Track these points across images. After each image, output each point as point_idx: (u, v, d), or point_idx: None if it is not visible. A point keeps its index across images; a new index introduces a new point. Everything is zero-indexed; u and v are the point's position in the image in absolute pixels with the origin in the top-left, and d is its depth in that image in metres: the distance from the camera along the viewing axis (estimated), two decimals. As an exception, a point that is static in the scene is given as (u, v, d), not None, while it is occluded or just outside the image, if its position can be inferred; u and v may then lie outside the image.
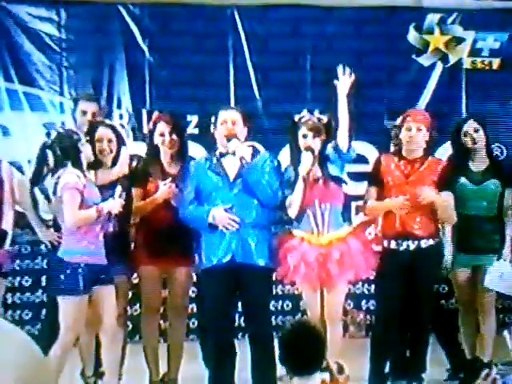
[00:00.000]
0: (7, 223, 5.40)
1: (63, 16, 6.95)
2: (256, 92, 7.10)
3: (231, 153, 5.09)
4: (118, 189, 4.98)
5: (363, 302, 7.14)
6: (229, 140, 5.10)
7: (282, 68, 7.10)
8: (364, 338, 6.51)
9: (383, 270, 5.32)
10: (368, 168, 5.85)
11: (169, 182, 5.28)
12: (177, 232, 5.27)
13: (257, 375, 5.14)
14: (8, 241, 5.42)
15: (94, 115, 5.63)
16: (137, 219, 5.46)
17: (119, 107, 7.01)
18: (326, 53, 6.99)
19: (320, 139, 5.16)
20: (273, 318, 6.03)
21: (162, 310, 5.64)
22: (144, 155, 5.83)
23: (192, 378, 5.60)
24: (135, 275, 5.53)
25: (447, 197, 5.40)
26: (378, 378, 5.47)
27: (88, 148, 4.99)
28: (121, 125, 6.63)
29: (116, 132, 5.33)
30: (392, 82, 7.20)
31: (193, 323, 6.63)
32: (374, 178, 5.52)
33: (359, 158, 6.18)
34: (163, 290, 5.53)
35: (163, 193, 5.29)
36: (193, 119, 6.94)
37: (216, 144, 5.27)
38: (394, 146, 5.85)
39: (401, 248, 5.35)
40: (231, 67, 7.07)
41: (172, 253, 5.30)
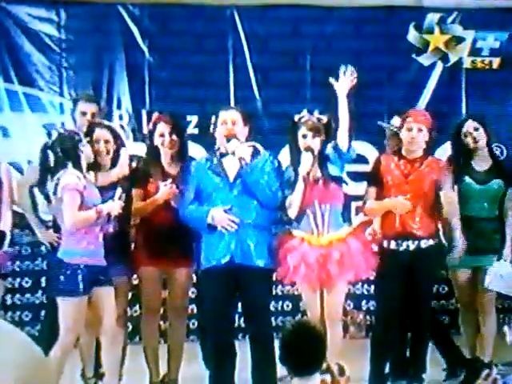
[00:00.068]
0: (5, 224, 5.39)
1: (63, 16, 6.95)
2: (256, 92, 7.09)
3: (231, 153, 5.09)
4: (118, 191, 4.97)
5: (363, 303, 7.14)
6: (228, 140, 5.09)
7: (282, 68, 7.10)
8: (364, 339, 6.50)
9: (383, 271, 5.31)
10: (368, 168, 5.84)
11: (169, 183, 5.28)
12: (177, 233, 5.27)
13: (257, 376, 5.14)
14: (6, 242, 5.41)
15: (94, 116, 5.61)
16: (137, 220, 5.45)
17: (119, 108, 7.01)
18: (326, 53, 6.99)
19: (320, 139, 5.15)
20: (273, 319, 6.03)
21: (162, 311, 5.64)
22: (144, 156, 5.84)
23: (192, 379, 5.60)
24: (135, 276, 5.53)
25: (452, 193, 5.37)
26: (379, 379, 5.47)
27: (88, 149, 4.98)
28: (121, 125, 6.66)
29: (114, 133, 5.31)
30: (392, 82, 7.20)
31: (193, 324, 6.64)
32: (374, 178, 5.51)
33: (359, 158, 6.18)
34: (163, 291, 5.53)
35: (163, 194, 5.28)
36: (193, 119, 6.94)
37: (216, 144, 5.27)
38: (388, 147, 5.86)
39: (401, 248, 5.34)
40: (231, 67, 7.07)
41: (172, 253, 5.30)
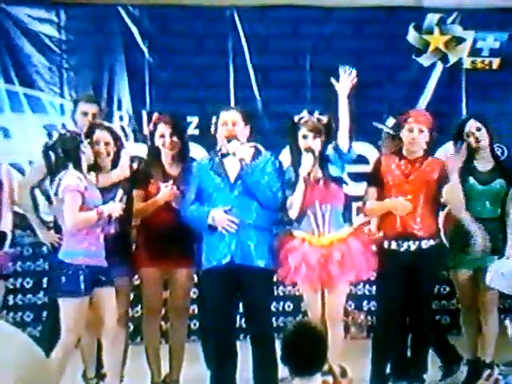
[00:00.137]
0: (6, 225, 5.39)
1: (63, 17, 6.95)
2: (256, 93, 7.09)
3: (231, 154, 5.09)
4: (119, 192, 4.97)
5: (364, 303, 7.14)
6: (229, 141, 5.10)
7: (282, 68, 7.10)
8: (365, 339, 6.49)
9: (384, 271, 5.31)
10: (368, 168, 5.84)
11: (170, 184, 5.28)
12: (178, 233, 5.27)
13: (258, 376, 5.14)
14: (7, 243, 5.41)
15: (95, 116, 5.61)
16: (138, 221, 5.45)
17: (119, 109, 7.01)
18: (326, 53, 6.99)
19: (320, 140, 5.14)
20: (274, 319, 6.03)
21: (164, 312, 5.64)
22: (145, 157, 5.84)
23: (194, 379, 5.60)
24: (136, 277, 5.53)
25: (457, 186, 5.38)
26: (380, 379, 5.46)
27: (89, 150, 4.98)
28: (121, 126, 6.65)
29: (114, 135, 5.30)
30: (392, 83, 7.19)
31: (194, 324, 6.64)
32: (374, 179, 5.50)
33: (360, 159, 6.18)
34: (164, 292, 5.53)
35: (164, 195, 5.28)
36: (193, 120, 6.94)
37: (218, 145, 5.27)
38: (386, 148, 5.86)
39: (401, 249, 5.33)
40: (231, 68, 7.07)
41: (173, 254, 5.30)
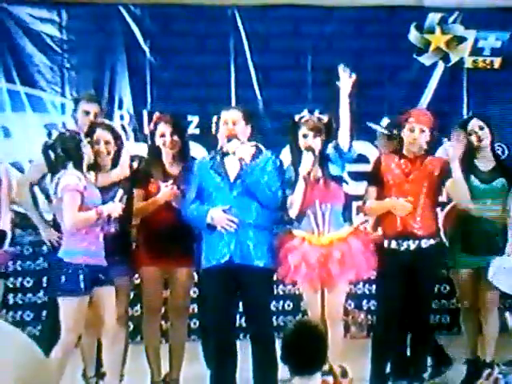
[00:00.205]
0: (5, 224, 5.38)
1: (64, 17, 6.96)
2: (257, 92, 7.09)
3: (231, 153, 5.09)
4: (119, 192, 4.95)
5: (364, 302, 7.14)
6: (229, 140, 5.10)
7: (283, 68, 7.10)
8: (365, 339, 6.49)
9: (384, 270, 5.31)
10: (369, 168, 5.83)
11: (170, 184, 5.28)
12: (178, 233, 5.27)
13: (258, 376, 5.13)
14: (7, 241, 5.41)
15: (96, 116, 5.60)
16: (138, 220, 5.46)
17: (120, 108, 7.01)
18: (327, 53, 6.99)
19: (320, 139, 5.14)
20: (274, 319, 6.03)
21: (164, 311, 5.64)
22: (145, 156, 5.84)
23: (194, 379, 5.60)
24: (136, 276, 5.53)
25: (458, 176, 5.37)
26: (380, 379, 5.45)
27: (89, 149, 4.98)
28: (122, 126, 6.65)
29: (114, 134, 5.29)
30: (393, 82, 7.19)
31: (194, 324, 6.64)
32: (374, 178, 5.50)
33: (360, 158, 6.20)
34: (164, 291, 5.53)
35: (164, 194, 5.28)
36: (194, 120, 6.95)
37: (218, 144, 5.27)
38: (384, 148, 5.86)
39: (401, 248, 5.33)
40: (232, 67, 7.07)
41: (173, 253, 5.29)
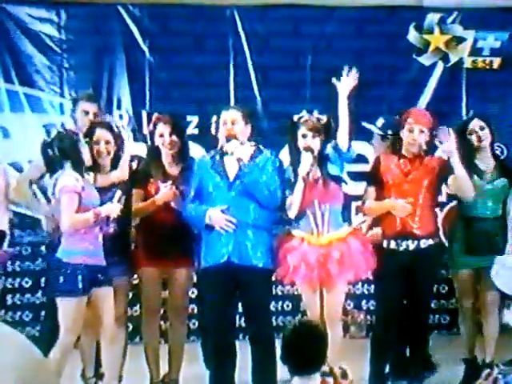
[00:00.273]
0: (3, 224, 5.37)
1: (63, 17, 6.95)
2: (256, 92, 7.09)
3: (230, 154, 5.08)
4: (118, 193, 4.93)
5: (363, 302, 7.14)
6: (228, 140, 5.09)
7: (283, 68, 7.09)
8: (364, 339, 6.47)
9: (383, 270, 5.30)
10: (368, 168, 5.83)
11: (169, 184, 5.27)
12: (177, 233, 5.26)
13: (257, 376, 5.13)
14: (6, 242, 5.40)
15: (96, 115, 5.60)
16: (137, 220, 5.45)
17: (119, 108, 7.01)
18: (327, 53, 7.00)
19: (319, 139, 5.14)
20: (273, 319, 6.02)
21: (163, 311, 5.63)
22: (145, 156, 5.83)
23: (193, 379, 5.60)
24: (135, 276, 5.52)
25: (461, 170, 5.32)
26: (379, 379, 5.46)
27: (86, 149, 4.96)
28: (121, 126, 6.64)
29: (114, 133, 5.29)
30: (393, 82, 7.19)
31: (193, 324, 6.64)
32: (373, 178, 5.50)
33: (359, 158, 6.19)
34: (163, 291, 5.53)
35: (163, 195, 5.27)
36: (193, 120, 6.95)
37: (217, 144, 5.26)
38: (375, 148, 5.86)
39: (400, 248, 5.33)
40: (231, 67, 7.07)
41: (172, 254, 5.29)
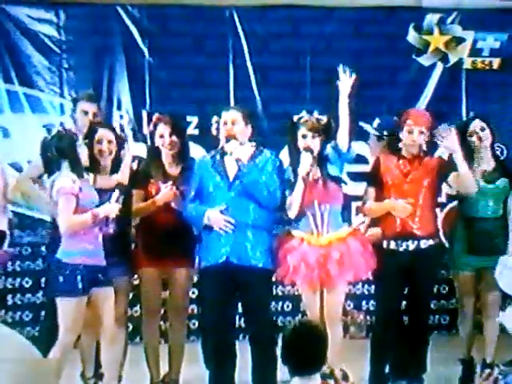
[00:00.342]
0: (2, 225, 5.36)
1: (62, 17, 6.96)
2: (256, 92, 7.10)
3: (229, 154, 5.09)
4: (115, 193, 4.92)
5: (363, 303, 7.14)
6: (227, 141, 5.10)
7: (282, 68, 7.10)
8: (364, 339, 6.48)
9: (383, 271, 5.30)
10: (368, 168, 5.83)
11: (170, 185, 5.27)
12: (177, 233, 5.27)
13: (257, 377, 5.13)
14: (6, 242, 5.39)
15: (95, 115, 5.60)
16: (137, 221, 5.45)
17: (119, 108, 7.01)
18: (326, 53, 7.00)
19: (319, 139, 5.14)
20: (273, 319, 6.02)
21: (163, 312, 5.64)
22: (145, 157, 5.83)
23: (193, 379, 5.62)
24: (135, 276, 5.52)
25: (463, 166, 5.31)
26: (379, 379, 5.45)
27: (84, 150, 4.95)
28: (121, 126, 6.64)
29: (116, 133, 5.29)
30: (392, 83, 7.20)
31: (193, 324, 6.64)
32: (373, 178, 5.50)
33: (359, 158, 6.20)
34: (163, 292, 5.53)
35: (164, 195, 5.27)
36: (193, 120, 6.95)
37: (218, 144, 5.27)
38: (371, 149, 5.86)
39: (400, 248, 5.33)
40: (231, 68, 7.07)
41: (172, 254, 5.29)
